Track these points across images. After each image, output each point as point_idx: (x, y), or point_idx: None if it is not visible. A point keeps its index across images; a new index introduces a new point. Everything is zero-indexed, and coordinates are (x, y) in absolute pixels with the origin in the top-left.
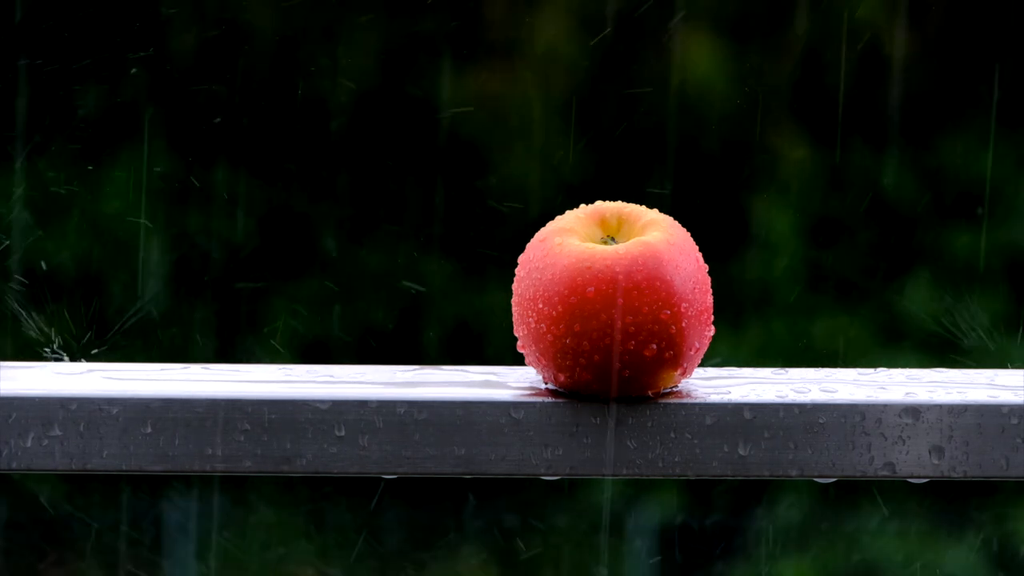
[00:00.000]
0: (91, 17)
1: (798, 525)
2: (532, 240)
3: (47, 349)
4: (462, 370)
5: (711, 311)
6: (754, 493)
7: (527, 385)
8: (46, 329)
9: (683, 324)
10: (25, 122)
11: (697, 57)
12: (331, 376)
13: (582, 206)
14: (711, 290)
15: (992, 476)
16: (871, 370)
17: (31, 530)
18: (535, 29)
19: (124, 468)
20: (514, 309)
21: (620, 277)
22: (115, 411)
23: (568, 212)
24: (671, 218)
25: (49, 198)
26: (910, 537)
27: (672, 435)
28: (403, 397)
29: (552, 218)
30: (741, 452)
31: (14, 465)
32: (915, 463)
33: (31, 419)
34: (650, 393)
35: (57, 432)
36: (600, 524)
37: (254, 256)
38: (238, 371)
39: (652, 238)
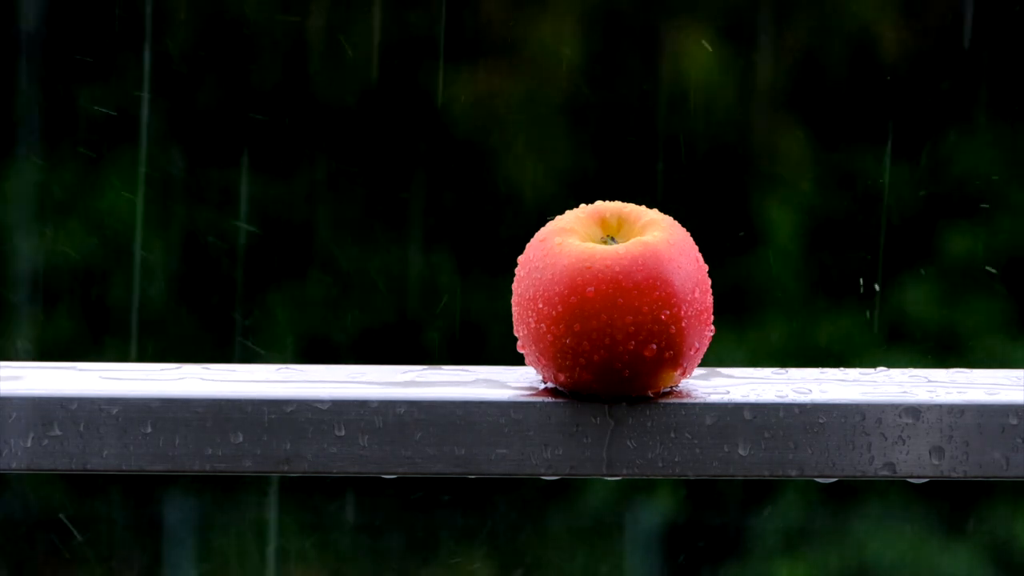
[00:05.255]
0: (92, 16)
1: (798, 525)
2: (532, 240)
3: (46, 349)
4: (462, 370)
5: (711, 311)
6: (754, 493)
7: (527, 385)
8: (46, 328)
9: (683, 324)
10: (25, 120)
11: (697, 57)
12: (331, 376)
13: (582, 206)
14: (711, 290)
15: (992, 476)
16: (871, 370)
17: (30, 530)
18: (536, 28)
19: (124, 468)
20: (514, 309)
21: (620, 277)
22: (115, 411)
23: (568, 212)
24: (671, 218)
25: (49, 197)
26: (909, 537)
27: (672, 435)
28: (403, 397)
29: (552, 218)
30: (741, 452)
31: (14, 465)
32: (915, 463)
33: (31, 419)
34: (650, 393)
35: (57, 432)
36: (600, 524)
37: (254, 255)
38: (237, 371)
39: (652, 238)
